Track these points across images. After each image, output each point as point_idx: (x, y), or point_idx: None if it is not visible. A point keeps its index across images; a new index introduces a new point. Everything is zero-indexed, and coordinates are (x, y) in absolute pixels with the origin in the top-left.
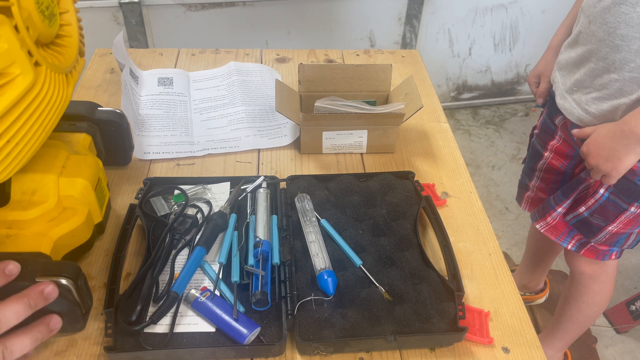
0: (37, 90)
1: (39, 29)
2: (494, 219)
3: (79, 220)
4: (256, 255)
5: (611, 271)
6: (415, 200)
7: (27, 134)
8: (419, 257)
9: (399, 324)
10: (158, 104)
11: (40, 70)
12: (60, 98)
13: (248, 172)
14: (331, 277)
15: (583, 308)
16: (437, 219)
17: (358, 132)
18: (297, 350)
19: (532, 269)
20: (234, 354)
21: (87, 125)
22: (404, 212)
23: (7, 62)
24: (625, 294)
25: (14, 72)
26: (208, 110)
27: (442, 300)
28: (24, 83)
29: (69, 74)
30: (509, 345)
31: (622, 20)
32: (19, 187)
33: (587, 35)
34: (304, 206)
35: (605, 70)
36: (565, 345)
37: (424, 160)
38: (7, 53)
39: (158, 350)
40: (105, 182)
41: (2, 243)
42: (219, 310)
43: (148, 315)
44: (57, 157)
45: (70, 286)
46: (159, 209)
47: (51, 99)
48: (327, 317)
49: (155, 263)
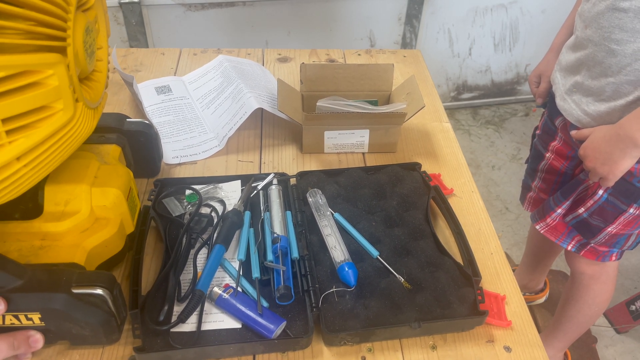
0: (72, 125)
1: (81, 66)
2: (494, 219)
3: (111, 231)
4: (275, 251)
5: (612, 272)
6: (424, 190)
7: (45, 161)
8: (433, 246)
9: (420, 311)
10: (165, 111)
11: (78, 106)
12: (87, 132)
13: (250, 172)
14: (352, 269)
15: (583, 308)
16: (447, 207)
17: (360, 131)
18: (323, 341)
19: (532, 269)
20: (263, 349)
21: (117, 136)
22: (414, 202)
23: (55, 98)
24: (625, 294)
25: (57, 107)
26: (213, 101)
27: (460, 286)
28: (64, 118)
29: (95, 109)
30: (510, 345)
31: (616, 25)
32: (52, 198)
33: (584, 39)
34: (317, 201)
35: (602, 74)
36: (565, 346)
37: (426, 159)
38: (56, 90)
39: (188, 348)
40: (136, 192)
41: (36, 254)
42: (243, 306)
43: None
44: (89, 168)
45: (106, 296)
46: (173, 209)
47: (80, 133)
48: (350, 308)
49: (176, 263)
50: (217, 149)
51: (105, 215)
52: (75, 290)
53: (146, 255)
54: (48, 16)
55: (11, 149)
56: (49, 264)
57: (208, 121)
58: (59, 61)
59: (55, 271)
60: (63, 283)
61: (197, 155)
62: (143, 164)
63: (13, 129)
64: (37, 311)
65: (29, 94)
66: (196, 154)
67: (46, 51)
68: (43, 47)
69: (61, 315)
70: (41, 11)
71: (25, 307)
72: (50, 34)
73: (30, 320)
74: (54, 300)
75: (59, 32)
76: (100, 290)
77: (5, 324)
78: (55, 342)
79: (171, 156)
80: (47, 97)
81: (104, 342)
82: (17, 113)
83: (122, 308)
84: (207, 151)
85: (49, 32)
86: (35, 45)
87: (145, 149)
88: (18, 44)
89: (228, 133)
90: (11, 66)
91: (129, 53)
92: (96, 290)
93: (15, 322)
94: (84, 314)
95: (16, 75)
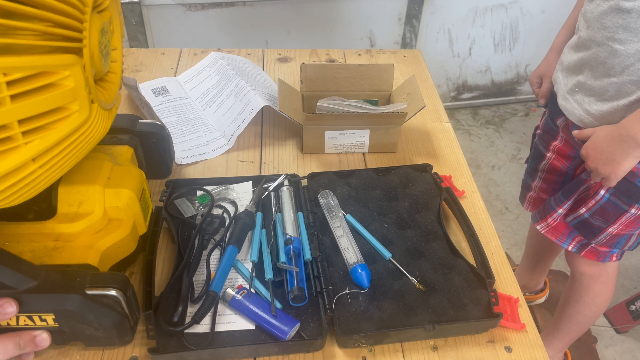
0: (87, 126)
1: (96, 67)
2: (494, 219)
3: (125, 232)
4: (288, 252)
5: (612, 272)
6: (436, 192)
7: (60, 162)
8: (446, 248)
9: (434, 313)
10: (167, 112)
11: (93, 108)
12: (101, 133)
13: (250, 172)
14: (365, 271)
15: (583, 308)
16: (459, 209)
17: (360, 131)
18: (337, 343)
19: (532, 269)
20: (277, 350)
21: (129, 137)
22: (426, 204)
23: (71, 99)
24: (625, 294)
25: (73, 109)
26: (213, 100)
27: (474, 288)
28: (80, 119)
29: (109, 111)
30: (511, 345)
31: (620, 25)
32: (65, 199)
33: (587, 39)
34: (329, 202)
35: (605, 74)
36: (565, 346)
37: (426, 159)
38: (72, 91)
39: (202, 349)
40: (149, 193)
41: (50, 255)
42: (257, 307)
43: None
44: (102, 169)
45: (119, 298)
46: (185, 210)
47: (95, 134)
48: (363, 310)
49: (189, 264)
50: (226, 147)
51: (118, 217)
52: (89, 292)
53: (158, 256)
54: (64, 17)
55: (27, 150)
56: (63, 265)
57: (211, 120)
58: (75, 62)
59: (69, 272)
60: (77, 284)
61: (207, 154)
62: (154, 165)
63: (29, 130)
64: (51, 312)
65: (45, 95)
66: (206, 153)
67: (62, 52)
68: (59, 48)
69: (75, 316)
70: (58, 12)
71: (39, 308)
72: (66, 35)
73: (44, 322)
74: (68, 301)
75: (75, 33)
76: (114, 292)
77: (19, 324)
78: (69, 343)
79: (181, 156)
80: (63, 99)
81: (117, 343)
82: (34, 114)
83: (135, 309)
84: (215, 150)
85: (66, 33)
86: (51, 46)
87: (157, 150)
88: (34, 45)
89: (236, 131)
90: (28, 67)
91: (129, 53)
92: (110, 292)
93: (29, 323)
94: (98, 315)
95: (33, 76)
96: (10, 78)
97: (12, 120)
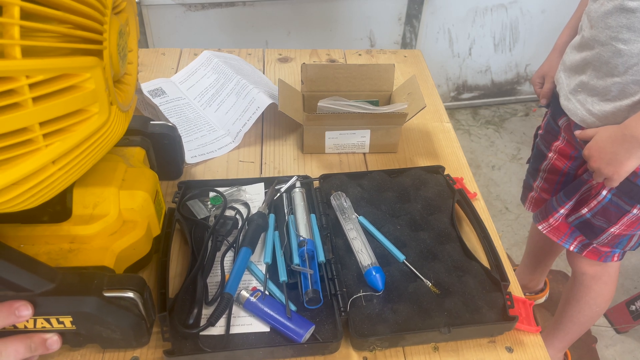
0: (106, 128)
1: (115, 69)
2: (494, 219)
3: (139, 233)
4: (302, 254)
5: (613, 272)
6: (448, 194)
7: (78, 164)
8: (460, 250)
9: (449, 316)
10: (167, 113)
11: (112, 110)
12: (118, 135)
13: (251, 172)
14: (379, 273)
15: (584, 308)
16: (472, 211)
17: (361, 131)
18: (352, 346)
19: (532, 269)
20: (292, 353)
21: (141, 139)
22: (438, 206)
23: (91, 101)
24: (625, 294)
25: (92, 111)
26: (213, 98)
27: (489, 290)
28: (99, 121)
29: (126, 113)
30: (512, 345)
31: (624, 24)
32: (80, 201)
33: (590, 39)
34: (342, 204)
35: (608, 74)
36: (565, 346)
37: (427, 159)
38: (93, 93)
39: (218, 352)
40: (162, 195)
41: (66, 257)
42: (271, 310)
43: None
44: (117, 171)
45: (137, 299)
46: (197, 211)
47: (112, 136)
48: (378, 313)
49: (202, 266)
50: (232, 145)
51: (133, 218)
52: (106, 294)
53: (171, 257)
54: (85, 19)
55: (47, 152)
56: (80, 267)
57: (213, 119)
58: (96, 64)
59: (86, 274)
60: (94, 286)
61: (214, 153)
62: (166, 167)
63: (50, 133)
64: (68, 314)
65: (66, 97)
66: (213, 152)
67: (82, 54)
68: (79, 50)
69: (92, 318)
70: (79, 14)
71: (56, 310)
72: (87, 37)
73: (62, 324)
74: (86, 303)
75: (95, 35)
76: (131, 294)
77: (37, 327)
78: (85, 345)
79: (190, 156)
80: (84, 101)
81: (133, 345)
82: (54, 116)
83: (152, 311)
84: (222, 148)
85: (86, 35)
86: (71, 48)
87: (169, 152)
88: (55, 47)
89: (242, 129)
90: (50, 69)
91: None
92: (127, 294)
93: (47, 326)
94: (115, 317)
95: (54, 78)
96: (33, 80)
97: (34, 122)
